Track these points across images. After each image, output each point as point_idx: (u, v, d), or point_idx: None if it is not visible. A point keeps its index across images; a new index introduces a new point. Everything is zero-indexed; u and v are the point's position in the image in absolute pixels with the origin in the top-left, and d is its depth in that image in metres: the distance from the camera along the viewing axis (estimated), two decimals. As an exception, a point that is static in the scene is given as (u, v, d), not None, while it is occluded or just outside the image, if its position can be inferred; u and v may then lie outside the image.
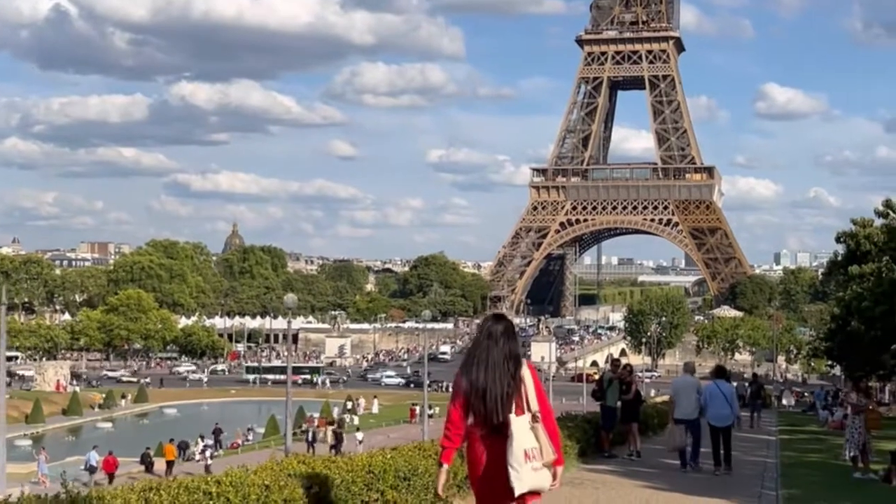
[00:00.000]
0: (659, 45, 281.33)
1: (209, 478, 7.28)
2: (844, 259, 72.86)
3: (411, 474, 10.09)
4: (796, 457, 23.39)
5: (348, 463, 9.11)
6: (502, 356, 6.71)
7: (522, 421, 6.55)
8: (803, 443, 29.38)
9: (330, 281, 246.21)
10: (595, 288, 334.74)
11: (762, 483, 16.72)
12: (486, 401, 6.58)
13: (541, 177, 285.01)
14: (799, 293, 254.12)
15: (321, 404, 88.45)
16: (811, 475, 18.44)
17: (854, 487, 16.16)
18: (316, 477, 8.36)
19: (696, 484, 16.06)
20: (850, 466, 18.87)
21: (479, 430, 6.63)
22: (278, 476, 7.94)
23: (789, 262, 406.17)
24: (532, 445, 6.50)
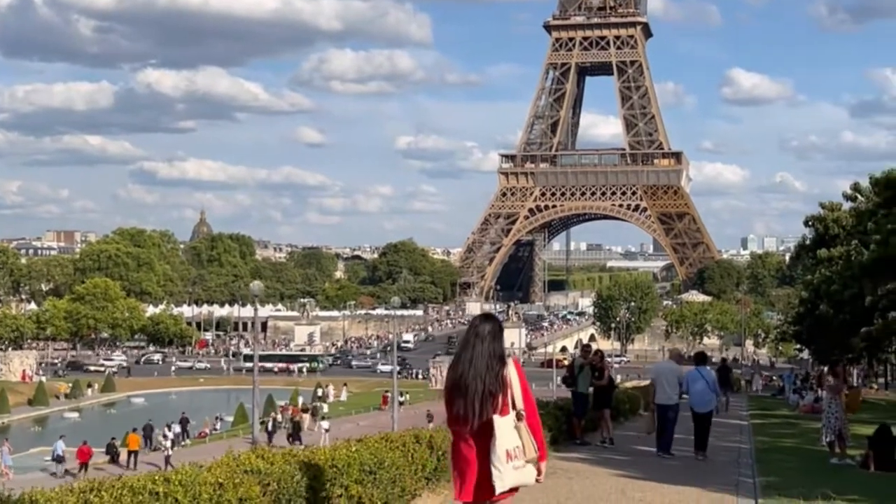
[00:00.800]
0: (626, 31, 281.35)
1: (156, 476, 6.75)
2: (813, 243, 73.08)
3: (377, 467, 9.62)
4: (770, 442, 23.09)
5: (310, 457, 8.61)
6: (487, 355, 6.70)
7: (507, 420, 6.57)
8: (776, 427, 29.14)
9: (299, 268, 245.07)
10: (564, 274, 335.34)
11: (738, 470, 16.37)
12: (469, 400, 6.59)
13: (509, 163, 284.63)
14: (766, 277, 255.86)
15: (290, 392, 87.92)
16: (787, 461, 18.12)
17: (832, 473, 15.83)
18: (274, 473, 7.85)
19: (672, 471, 15.69)
20: (826, 452, 18.58)
21: (463, 428, 6.65)
22: (233, 473, 7.43)
23: (756, 246, 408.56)
24: (515, 444, 6.54)
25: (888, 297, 43.08)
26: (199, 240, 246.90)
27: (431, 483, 11.51)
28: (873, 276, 42.48)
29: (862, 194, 63.06)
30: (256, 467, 7.76)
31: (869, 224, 54.21)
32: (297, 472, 8.12)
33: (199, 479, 6.90)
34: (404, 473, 10.37)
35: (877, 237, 46.99)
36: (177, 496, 6.56)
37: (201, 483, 6.88)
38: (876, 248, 40.42)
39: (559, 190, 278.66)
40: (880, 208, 42.89)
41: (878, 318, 48.48)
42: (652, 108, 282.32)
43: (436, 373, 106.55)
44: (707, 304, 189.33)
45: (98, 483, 6.41)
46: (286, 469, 8.03)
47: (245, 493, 7.23)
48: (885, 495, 12.93)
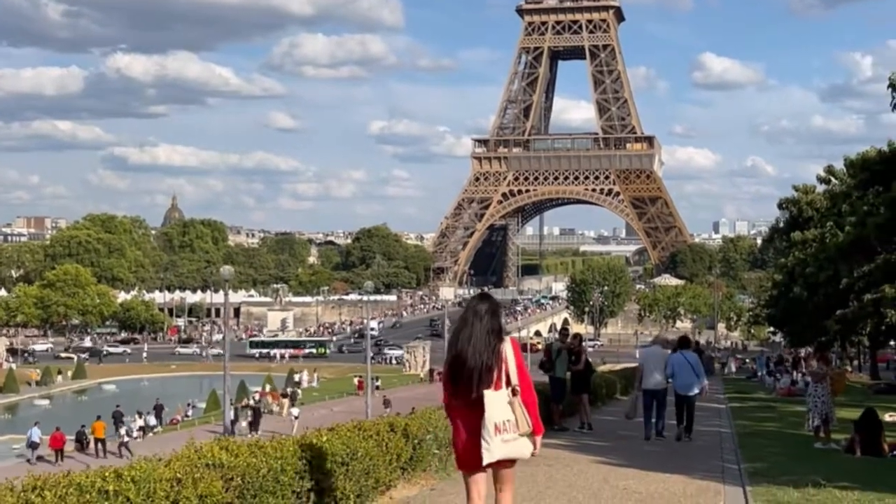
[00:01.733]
0: (599, 15, 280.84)
1: (106, 473, 6.18)
2: (787, 225, 73.02)
3: (350, 458, 9.08)
4: (751, 426, 22.73)
5: (278, 448, 8.04)
6: (485, 332, 6.92)
7: (499, 395, 6.76)
8: (755, 411, 28.83)
9: (271, 254, 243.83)
10: (537, 258, 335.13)
11: (722, 455, 15.94)
12: (465, 375, 6.81)
13: (482, 147, 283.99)
14: (738, 261, 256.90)
15: (263, 378, 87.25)
16: (770, 446, 17.72)
17: (818, 459, 15.45)
18: (239, 466, 7.29)
19: (654, 457, 15.25)
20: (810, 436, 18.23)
21: (458, 402, 6.91)
22: (194, 467, 6.86)
23: (728, 230, 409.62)
24: (505, 418, 6.70)
25: (864, 279, 42.87)
26: (170, 225, 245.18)
27: (407, 473, 11.02)
28: (849, 258, 42.26)
29: (836, 177, 63.01)
30: (219, 460, 7.19)
31: (844, 206, 54.20)
32: (264, 465, 7.57)
33: (154, 476, 6.33)
34: (378, 464, 9.85)
35: (852, 219, 46.87)
36: (128, 495, 5.99)
37: (156, 479, 6.31)
38: (852, 229, 40.20)
39: (532, 174, 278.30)
40: (855, 190, 42.64)
41: (854, 301, 48.30)
42: (624, 93, 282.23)
43: (410, 358, 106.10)
44: (680, 288, 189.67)
45: (42, 481, 5.83)
46: (252, 462, 7.47)
47: (206, 490, 6.67)
48: (875, 481, 12.52)
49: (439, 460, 12.00)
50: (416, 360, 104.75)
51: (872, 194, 41.63)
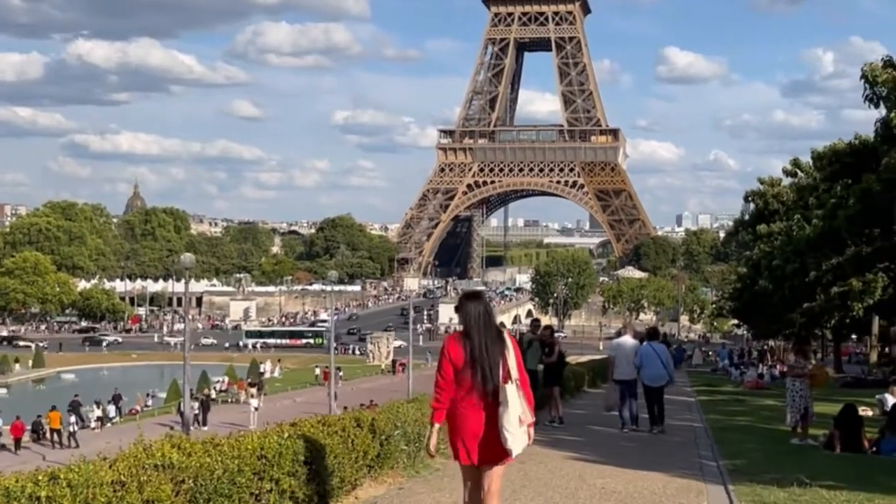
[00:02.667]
0: (565, 7, 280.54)
1: (40, 476, 5.51)
2: (752, 218, 72.88)
3: (314, 457, 8.43)
4: (724, 420, 22.27)
5: (235, 446, 7.37)
6: (494, 330, 7.21)
7: (512, 388, 7.02)
8: (725, 404, 28.41)
9: (234, 243, 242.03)
10: (502, 250, 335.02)
11: (698, 451, 15.43)
12: (486, 372, 6.99)
13: (448, 138, 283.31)
14: (701, 254, 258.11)
15: (225, 368, 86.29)
16: (746, 441, 17.22)
17: (797, 455, 14.97)
18: (191, 467, 6.63)
19: (629, 453, 14.72)
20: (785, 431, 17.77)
21: (471, 396, 7.04)
22: (140, 468, 6.19)
23: (690, 223, 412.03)
24: (521, 410, 7.01)
25: (832, 272, 42.66)
26: (132, 214, 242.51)
27: (373, 471, 10.39)
28: (818, 251, 42.00)
29: (802, 170, 62.88)
30: (169, 461, 6.50)
31: (811, 199, 54.03)
32: (219, 466, 6.90)
33: (94, 479, 5.66)
34: (344, 462, 9.20)
35: (819, 212, 46.68)
36: (63, 502, 5.33)
37: (96, 483, 5.63)
38: (820, 222, 39.94)
39: (497, 166, 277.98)
40: (824, 182, 42.40)
41: (820, 294, 48.14)
42: (590, 85, 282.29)
43: (374, 349, 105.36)
44: (643, 281, 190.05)
45: (-37, 486, 5.16)
46: (205, 462, 6.79)
47: (153, 495, 5.98)
48: (861, 479, 12.04)
49: (408, 457, 11.38)
50: (381, 352, 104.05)
51: (841, 186, 41.45)
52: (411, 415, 11.51)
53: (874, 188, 27.93)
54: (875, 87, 28.66)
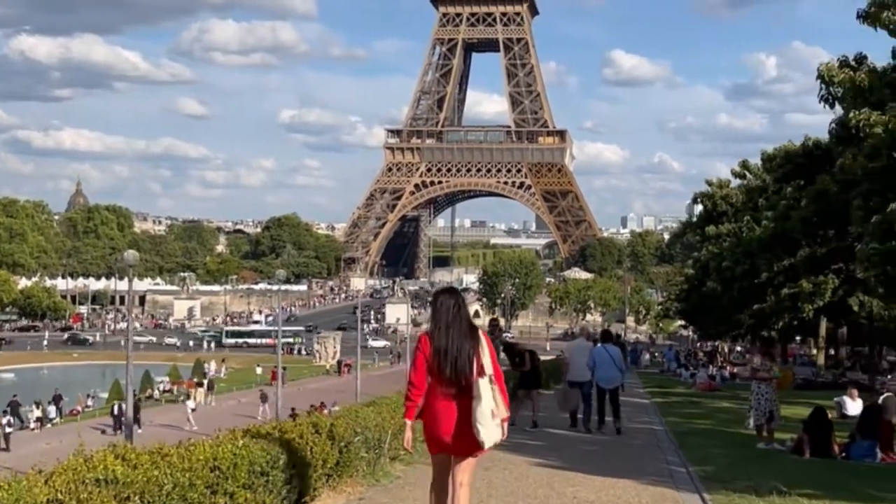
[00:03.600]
0: (514, 8, 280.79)
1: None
2: (701, 219, 73.01)
3: (270, 467, 7.75)
4: (684, 423, 21.83)
5: (186, 457, 6.69)
6: (466, 324, 7.35)
7: (485, 382, 7.13)
8: (680, 406, 28.04)
9: (179, 242, 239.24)
10: (449, 250, 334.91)
11: (664, 457, 14.92)
12: (455, 364, 7.15)
13: (395, 138, 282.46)
14: (646, 255, 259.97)
15: (168, 368, 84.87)
16: (711, 445, 16.75)
17: (766, 460, 14.53)
18: (137, 481, 5.95)
19: (596, 459, 14.18)
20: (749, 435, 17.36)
21: (443, 390, 7.18)
22: (81, 483, 5.51)
23: (635, 225, 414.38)
24: (493, 405, 7.10)
25: (784, 273, 42.65)
26: (74, 211, 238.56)
27: (332, 480, 9.72)
28: (769, 252, 41.94)
29: (750, 171, 63.07)
30: (112, 474, 5.81)
31: (760, 200, 54.13)
32: (168, 480, 6.21)
33: (26, 498, 4.97)
34: (302, 472, 8.54)
35: (769, 213, 46.71)
36: (-11, 527, 4.65)
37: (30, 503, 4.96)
38: (771, 223, 39.85)
39: (445, 166, 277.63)
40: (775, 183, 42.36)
41: (771, 296, 48.19)
42: (537, 87, 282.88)
43: (321, 349, 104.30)
44: (590, 281, 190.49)
45: None
46: (153, 476, 6.10)
47: (93, 514, 5.32)
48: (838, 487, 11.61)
49: (367, 464, 10.72)
50: (327, 352, 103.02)
51: (793, 188, 41.44)
52: (371, 420, 10.87)
53: (830, 189, 27.75)
54: (831, 87, 28.39)
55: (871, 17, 26.81)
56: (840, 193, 27.02)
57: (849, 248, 33.13)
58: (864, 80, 27.25)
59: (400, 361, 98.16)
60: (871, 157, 24.46)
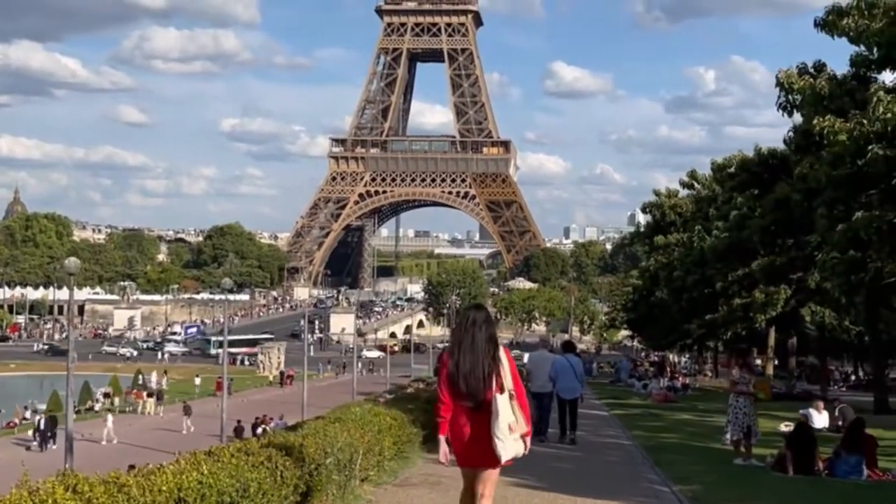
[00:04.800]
0: (458, 19, 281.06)
1: None
2: (649, 229, 72.89)
3: (241, 496, 6.90)
4: (652, 437, 21.13)
5: (147, 488, 5.83)
6: (484, 340, 7.48)
7: (503, 398, 7.31)
8: (642, 419, 27.40)
9: (119, 251, 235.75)
10: (393, 260, 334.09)
11: (643, 475, 14.21)
12: (470, 380, 7.33)
13: (340, 147, 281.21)
14: (589, 266, 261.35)
15: (108, 379, 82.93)
16: (688, 462, 16.04)
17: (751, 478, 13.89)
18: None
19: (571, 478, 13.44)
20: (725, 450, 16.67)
21: (463, 405, 7.34)
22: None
23: (578, 236, 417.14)
24: (512, 419, 7.31)
25: (739, 283, 42.37)
26: (12, 219, 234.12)
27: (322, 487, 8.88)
28: (724, 262, 41.62)
29: (698, 181, 62.98)
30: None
31: (710, 210, 53.94)
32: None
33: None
34: (272, 499, 7.69)
35: (720, 223, 46.46)
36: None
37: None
38: (723, 233, 39.53)
39: (389, 175, 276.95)
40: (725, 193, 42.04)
41: (723, 306, 47.95)
42: (482, 97, 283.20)
43: (264, 359, 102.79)
44: (534, 291, 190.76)
45: None
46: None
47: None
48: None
49: (338, 487, 9.86)
50: (271, 362, 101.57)
51: (744, 198, 41.17)
52: (341, 438, 10.03)
53: (793, 197, 27.37)
54: (790, 94, 28.07)
55: (828, 25, 26.58)
56: (802, 201, 26.65)
57: (808, 257, 32.86)
58: (824, 87, 26.97)
59: (345, 372, 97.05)
60: (834, 165, 24.05)
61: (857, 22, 25.54)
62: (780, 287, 41.96)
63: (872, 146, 22.27)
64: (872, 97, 22.88)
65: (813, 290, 41.96)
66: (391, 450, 12.32)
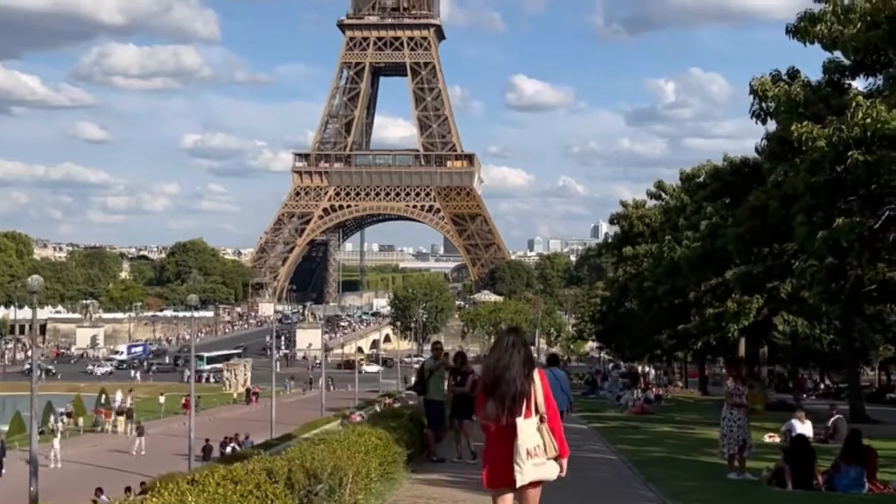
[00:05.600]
0: (420, 32, 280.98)
1: None
2: (617, 240, 72.67)
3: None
4: (638, 452, 20.61)
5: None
6: (520, 362, 7.52)
7: (530, 422, 7.39)
8: (622, 432, 26.91)
9: (81, 269, 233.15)
10: (358, 274, 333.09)
11: (637, 492, 13.72)
12: (503, 401, 7.39)
13: (303, 162, 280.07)
14: (554, 278, 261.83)
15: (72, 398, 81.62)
16: (681, 478, 15.54)
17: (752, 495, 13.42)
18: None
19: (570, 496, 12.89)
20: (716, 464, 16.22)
21: (493, 425, 7.47)
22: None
23: (542, 248, 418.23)
24: (536, 444, 7.35)
25: (712, 292, 42.11)
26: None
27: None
28: (697, 272, 41.32)
29: (666, 192, 62.75)
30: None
31: (680, 220, 53.66)
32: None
33: None
34: (262, 533, 7.11)
35: (689, 233, 46.20)
36: None
37: None
38: (702, 241, 39.20)
39: (353, 190, 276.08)
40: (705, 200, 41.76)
41: (695, 316, 47.68)
42: (445, 111, 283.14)
43: (230, 376, 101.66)
44: (500, 304, 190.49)
45: None
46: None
47: None
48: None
49: (328, 514, 9.28)
50: (237, 379, 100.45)
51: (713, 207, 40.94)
52: (328, 461, 9.46)
53: (771, 205, 27.06)
54: (764, 101, 27.82)
55: (800, 32, 26.34)
56: (780, 209, 26.37)
57: (785, 265, 32.60)
58: (799, 93, 26.71)
59: (312, 388, 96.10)
60: (812, 172, 23.76)
61: (830, 28, 25.33)
62: (752, 296, 41.74)
63: (852, 152, 21.99)
64: (851, 102, 22.62)
65: (785, 299, 41.82)
66: (377, 471, 11.76)
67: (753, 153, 36.67)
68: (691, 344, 59.50)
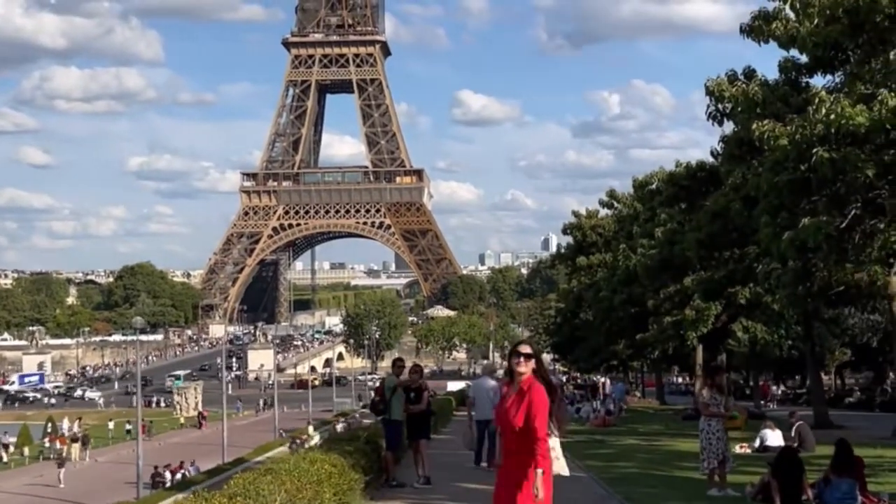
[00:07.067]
0: (366, 49, 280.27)
1: None
2: (571, 250, 72.06)
3: None
4: (608, 468, 19.59)
5: None
6: None
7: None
8: (588, 447, 25.91)
9: (27, 295, 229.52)
10: (309, 293, 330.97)
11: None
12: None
13: (251, 181, 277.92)
14: (506, 291, 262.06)
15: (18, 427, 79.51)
16: (660, 496, 14.57)
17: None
18: None
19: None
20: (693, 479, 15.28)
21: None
22: None
23: (493, 262, 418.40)
24: None
25: (671, 300, 41.42)
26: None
27: None
28: (656, 279, 40.62)
29: (618, 200, 62.25)
30: None
31: (634, 228, 53.05)
32: None
33: None
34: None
35: (644, 241, 45.58)
36: None
37: None
38: (660, 248, 38.53)
39: (303, 208, 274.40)
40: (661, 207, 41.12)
41: (653, 324, 47.00)
42: (393, 127, 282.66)
43: (181, 400, 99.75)
44: (454, 318, 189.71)
45: None
46: None
47: None
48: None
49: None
50: (188, 403, 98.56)
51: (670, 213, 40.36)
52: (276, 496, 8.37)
53: (734, 207, 26.35)
54: (721, 102, 27.14)
55: (755, 31, 25.71)
56: (742, 211, 25.66)
57: (747, 269, 31.93)
58: (757, 93, 26.04)
59: (265, 409, 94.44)
60: (775, 171, 23.04)
61: (787, 25, 24.72)
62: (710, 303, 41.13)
63: (816, 149, 21.28)
64: (814, 99, 21.94)
65: (744, 304, 41.22)
66: (332, 502, 10.66)
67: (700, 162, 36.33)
68: (648, 353, 58.80)
